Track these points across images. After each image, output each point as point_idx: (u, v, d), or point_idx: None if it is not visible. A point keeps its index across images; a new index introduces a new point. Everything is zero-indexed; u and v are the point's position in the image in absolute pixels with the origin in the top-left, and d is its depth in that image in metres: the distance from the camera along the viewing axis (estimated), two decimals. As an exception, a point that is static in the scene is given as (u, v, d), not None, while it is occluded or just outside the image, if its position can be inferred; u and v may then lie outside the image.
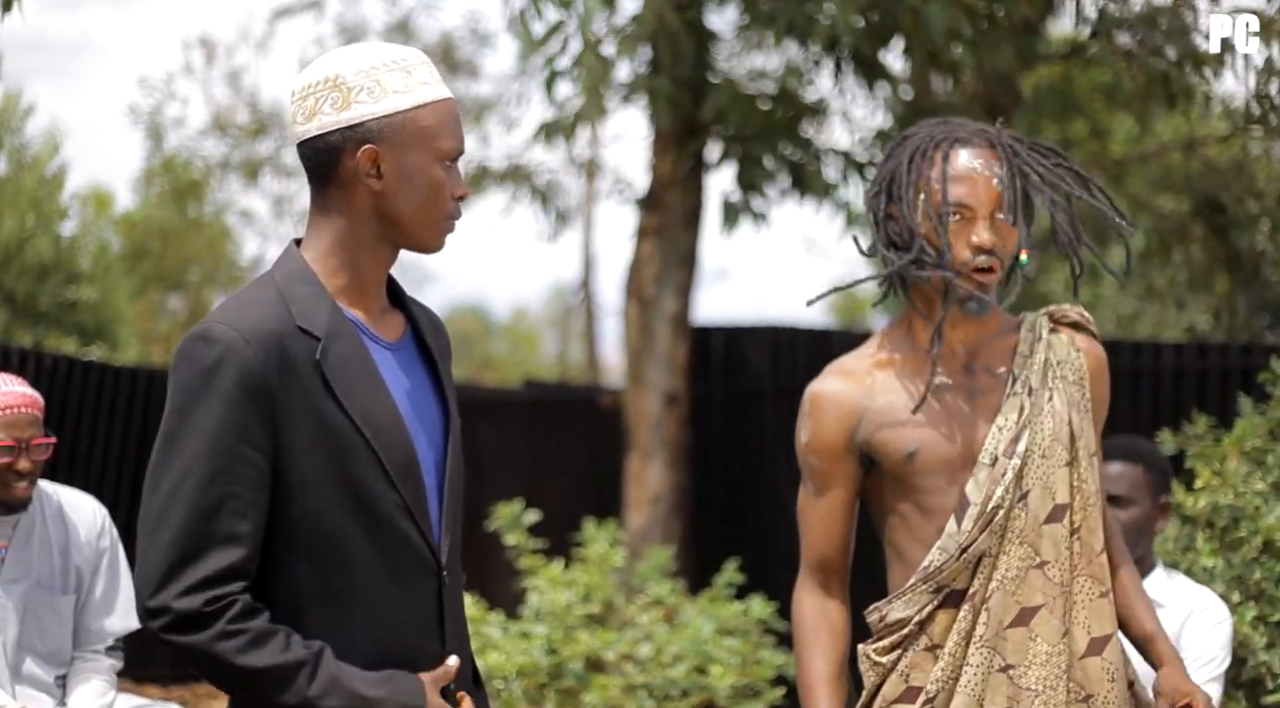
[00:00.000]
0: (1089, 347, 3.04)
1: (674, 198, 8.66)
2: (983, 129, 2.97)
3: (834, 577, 3.06)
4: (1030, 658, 2.87)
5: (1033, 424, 2.91)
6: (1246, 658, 4.44)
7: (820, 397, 3.01)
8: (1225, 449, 4.91)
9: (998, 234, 2.90)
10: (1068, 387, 2.97)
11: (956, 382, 2.96)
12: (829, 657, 3.02)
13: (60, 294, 12.36)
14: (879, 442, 2.95)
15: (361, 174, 2.45)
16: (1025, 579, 2.88)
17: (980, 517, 2.87)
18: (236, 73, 17.54)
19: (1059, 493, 2.91)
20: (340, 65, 2.46)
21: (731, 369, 9.40)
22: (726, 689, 6.47)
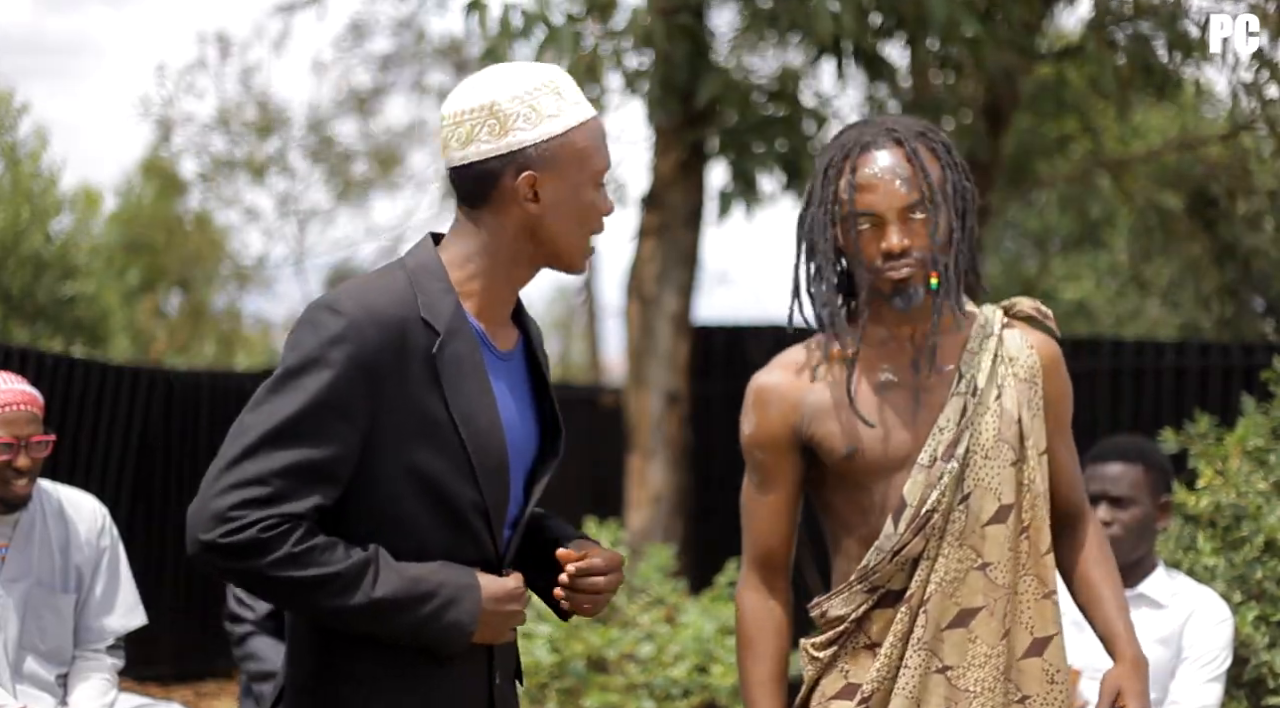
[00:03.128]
0: (1042, 342, 3.00)
1: (675, 197, 8.66)
2: (891, 128, 2.93)
3: (777, 573, 3.03)
4: (969, 660, 2.85)
5: (975, 425, 2.88)
6: (1248, 658, 4.43)
7: (763, 389, 3.00)
8: (1227, 448, 4.90)
9: (911, 235, 2.86)
10: (1018, 384, 2.93)
11: (902, 378, 2.92)
12: (770, 660, 2.99)
13: (56, 290, 12.36)
14: (819, 437, 2.93)
15: (520, 199, 2.49)
16: (965, 581, 2.86)
17: (914, 520, 2.85)
18: (249, 69, 17.55)
19: (1004, 493, 2.88)
20: (494, 92, 2.49)
21: (733, 369, 9.39)
22: (727, 689, 6.47)
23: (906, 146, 2.89)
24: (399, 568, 2.40)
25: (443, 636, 2.42)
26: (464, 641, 2.43)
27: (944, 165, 2.91)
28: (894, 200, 2.86)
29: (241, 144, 17.53)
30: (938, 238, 2.87)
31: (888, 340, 2.94)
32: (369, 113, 17.36)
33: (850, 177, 2.90)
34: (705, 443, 9.14)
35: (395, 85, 16.73)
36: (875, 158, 2.89)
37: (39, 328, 12.29)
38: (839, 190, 2.90)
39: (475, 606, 2.42)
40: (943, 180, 2.90)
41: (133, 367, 9.71)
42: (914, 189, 2.86)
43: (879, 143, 2.90)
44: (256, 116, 17.48)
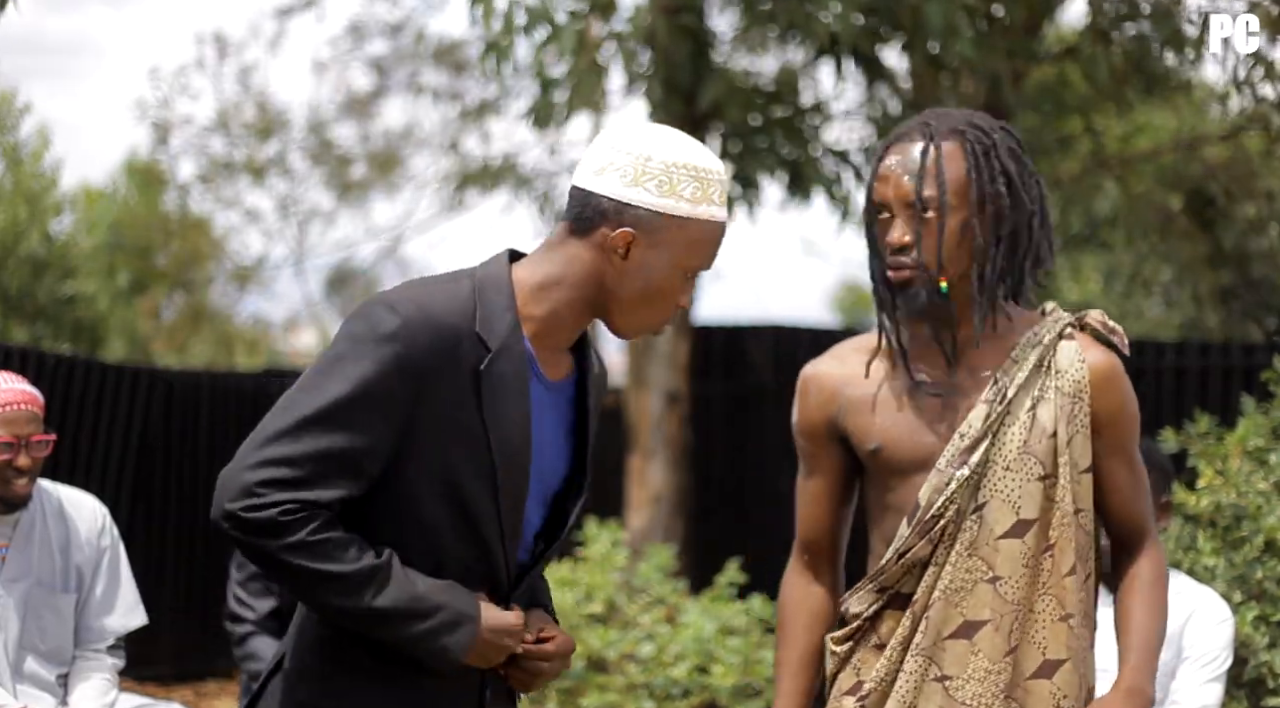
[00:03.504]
0: (1098, 358, 2.87)
1: (675, 197, 8.64)
2: (924, 122, 2.87)
3: (821, 560, 3.02)
4: (969, 672, 2.80)
5: (998, 434, 2.81)
6: (1248, 658, 4.43)
7: (808, 378, 2.99)
8: (1227, 448, 4.90)
9: (916, 231, 2.81)
10: (1061, 397, 2.83)
11: (936, 380, 2.87)
12: (801, 643, 2.99)
13: (56, 290, 12.37)
14: (850, 430, 2.91)
15: (611, 248, 2.50)
16: (972, 592, 2.80)
17: (919, 524, 2.82)
18: (247, 70, 17.55)
19: (1024, 508, 2.80)
20: (653, 147, 2.50)
21: (733, 368, 9.40)
22: (728, 689, 6.47)
23: (929, 142, 2.82)
24: (406, 581, 2.42)
25: (432, 656, 2.44)
26: (453, 664, 2.45)
27: (973, 166, 2.82)
28: (900, 193, 2.81)
29: (241, 146, 17.53)
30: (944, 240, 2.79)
31: (929, 340, 2.89)
32: (367, 115, 17.36)
33: (875, 167, 2.87)
34: (705, 443, 9.14)
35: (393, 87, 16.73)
36: (898, 150, 2.85)
37: (39, 328, 12.29)
38: (868, 182, 2.88)
39: (471, 636, 2.44)
40: (964, 181, 2.81)
41: (132, 367, 9.72)
42: (925, 185, 2.80)
43: (908, 136, 2.85)
44: (255, 118, 17.48)
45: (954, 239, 2.81)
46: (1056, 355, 2.86)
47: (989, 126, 2.88)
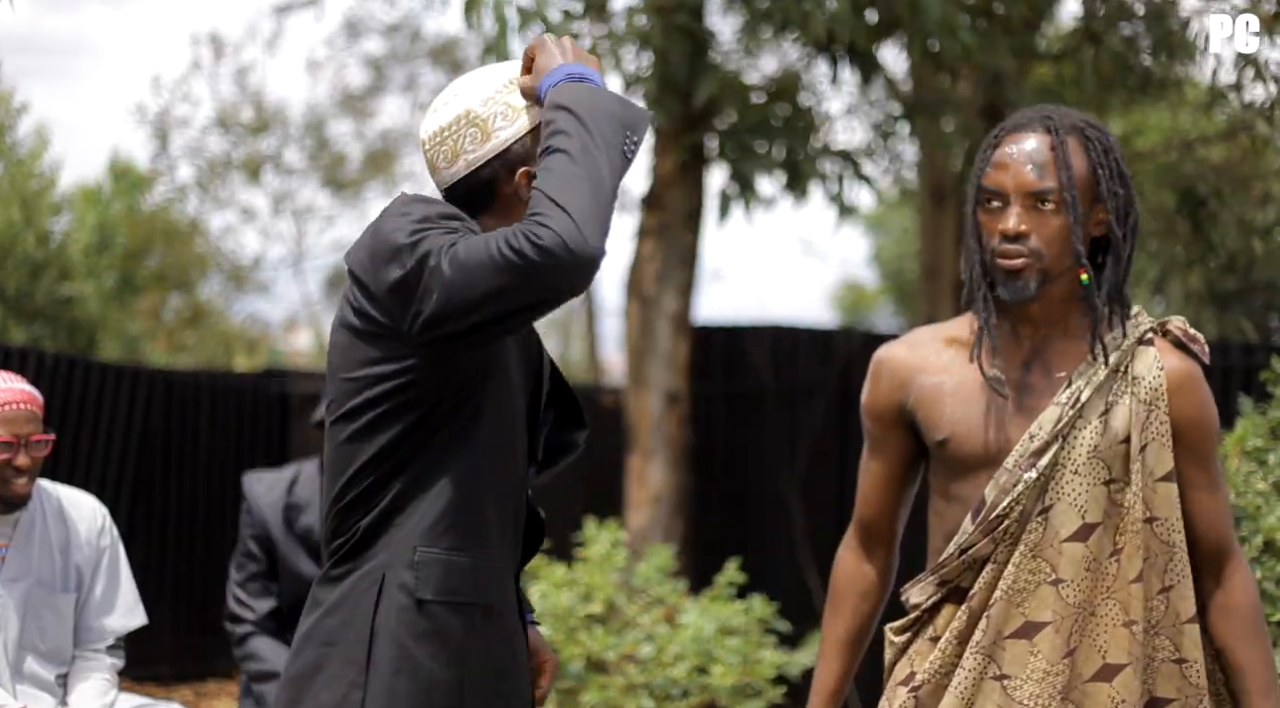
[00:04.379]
0: (1176, 365, 2.86)
1: (674, 197, 8.66)
2: (1046, 115, 2.87)
3: (878, 541, 3.02)
4: (1027, 673, 2.80)
5: (1068, 437, 2.80)
6: (1247, 658, 4.43)
7: (881, 361, 2.98)
8: (1226, 449, 4.90)
9: (1033, 222, 2.80)
10: (1136, 404, 2.81)
11: (1010, 377, 2.86)
12: (849, 621, 3.01)
13: (54, 291, 12.37)
14: (920, 418, 2.90)
15: (522, 196, 2.50)
16: (1035, 593, 2.80)
17: (983, 522, 2.81)
18: (244, 70, 17.55)
19: (1089, 512, 2.79)
20: (465, 101, 2.52)
21: (733, 369, 9.39)
22: (727, 689, 6.47)
23: (1055, 135, 2.82)
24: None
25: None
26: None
27: (1096, 164, 2.82)
28: (1021, 182, 2.80)
29: (239, 146, 17.53)
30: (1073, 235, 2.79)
31: (1008, 335, 2.88)
32: (364, 114, 17.36)
33: (989, 154, 2.86)
34: (705, 443, 9.14)
35: (389, 86, 16.74)
36: (1018, 140, 2.84)
37: (37, 328, 12.29)
38: (978, 167, 2.86)
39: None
40: (1089, 178, 2.82)
41: (132, 367, 9.72)
42: (1047, 177, 2.79)
43: (1029, 126, 2.85)
44: (252, 117, 17.48)
45: (1068, 233, 2.80)
46: (1135, 361, 2.85)
47: (1104, 128, 2.89)
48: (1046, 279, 2.82)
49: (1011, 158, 2.83)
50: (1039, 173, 2.81)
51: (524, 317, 2.38)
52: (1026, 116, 2.89)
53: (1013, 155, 2.83)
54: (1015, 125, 2.88)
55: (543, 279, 2.30)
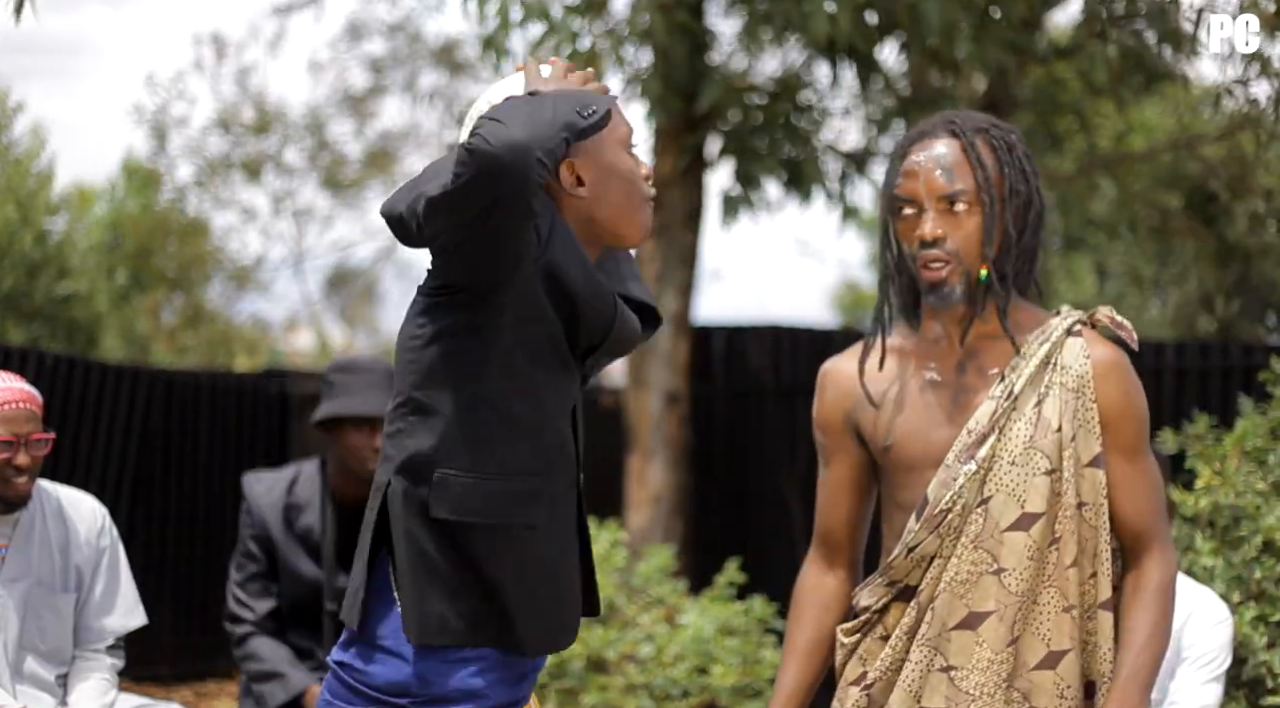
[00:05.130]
0: (1101, 353, 2.90)
1: (674, 197, 8.66)
2: (949, 120, 2.92)
3: (838, 552, 3.06)
4: (973, 663, 2.84)
5: (1004, 429, 2.85)
6: (1247, 658, 4.44)
7: (826, 373, 3.05)
8: (1226, 449, 4.90)
9: (948, 225, 2.85)
10: (1064, 393, 2.86)
11: (946, 378, 2.92)
12: (807, 631, 3.04)
13: (52, 290, 12.36)
14: (863, 427, 2.97)
15: (567, 190, 2.55)
16: (978, 584, 2.84)
17: (927, 519, 2.85)
18: (245, 70, 17.55)
19: (1029, 502, 2.84)
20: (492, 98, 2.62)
21: (732, 369, 9.39)
22: (727, 689, 6.47)
23: (962, 138, 2.87)
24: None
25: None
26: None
27: (1003, 163, 2.87)
28: (932, 188, 2.85)
29: (239, 146, 17.53)
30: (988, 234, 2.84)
31: (940, 338, 2.94)
32: (365, 114, 17.36)
33: (898, 164, 2.91)
34: (705, 443, 9.14)
35: (391, 87, 16.73)
36: (925, 146, 2.89)
37: (35, 328, 12.29)
38: (889, 178, 2.92)
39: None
40: (999, 178, 2.87)
41: (132, 366, 9.72)
42: (957, 180, 2.85)
43: (935, 132, 2.90)
44: (254, 117, 17.47)
45: (982, 232, 2.86)
46: (1062, 352, 2.89)
47: (1007, 127, 2.94)
48: (973, 279, 2.87)
49: (920, 165, 2.88)
50: (948, 176, 2.86)
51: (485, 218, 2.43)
52: (931, 124, 2.95)
53: (921, 162, 2.88)
54: (920, 133, 2.94)
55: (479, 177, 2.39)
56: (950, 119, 2.92)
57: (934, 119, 2.95)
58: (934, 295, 2.87)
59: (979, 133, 2.89)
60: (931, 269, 2.86)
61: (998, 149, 2.89)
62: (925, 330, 2.94)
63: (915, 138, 2.92)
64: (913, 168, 2.88)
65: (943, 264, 2.85)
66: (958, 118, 2.93)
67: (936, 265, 2.86)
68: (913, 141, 2.92)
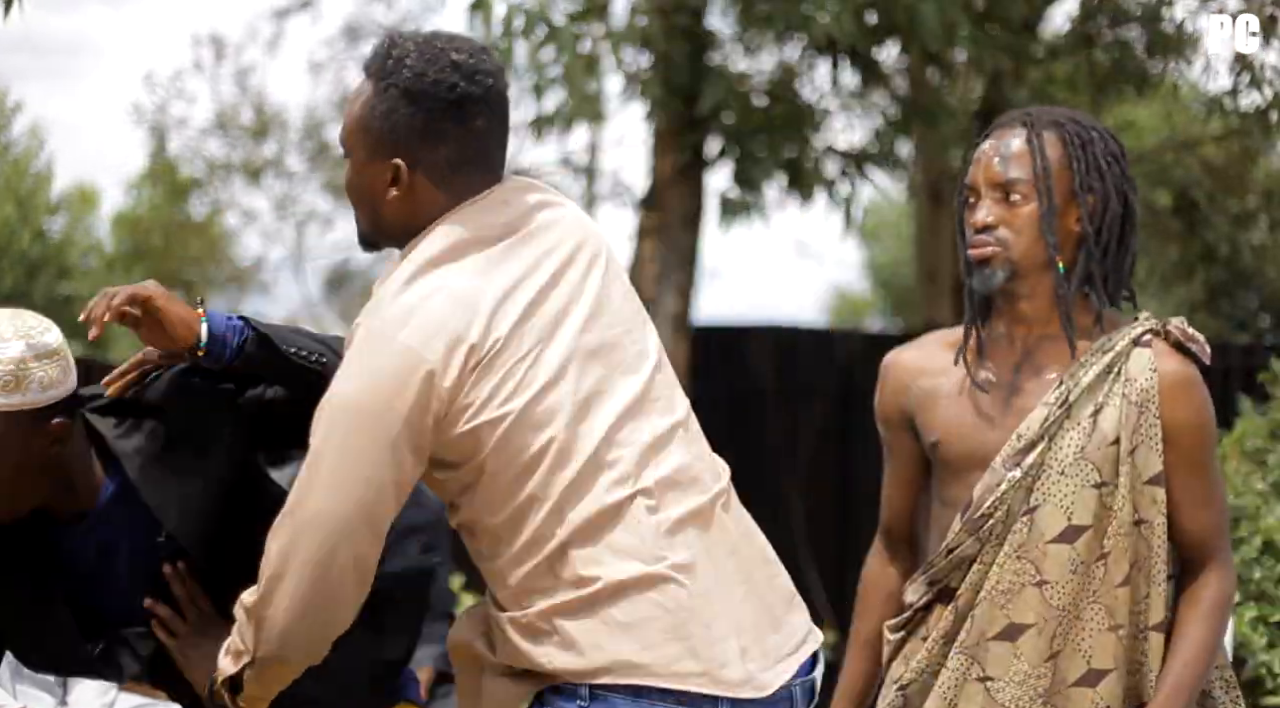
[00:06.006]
0: (1170, 367, 2.80)
1: (674, 198, 8.66)
2: (1026, 112, 2.88)
3: (900, 545, 3.04)
4: (1010, 675, 2.78)
5: (1055, 438, 2.78)
6: (1246, 658, 4.44)
7: (886, 366, 3.00)
8: (1225, 449, 4.91)
9: (1001, 214, 2.80)
10: (1127, 406, 2.78)
11: (1000, 378, 2.85)
12: (871, 622, 3.02)
13: (52, 290, 12.37)
14: (917, 422, 2.91)
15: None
16: (1020, 595, 2.78)
17: (968, 521, 2.81)
18: (244, 71, 17.54)
19: (1076, 514, 2.77)
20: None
21: (732, 369, 9.40)
22: (727, 689, 6.46)
23: (1029, 129, 2.82)
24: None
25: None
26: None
27: (1074, 157, 2.81)
28: (989, 176, 2.81)
29: (239, 147, 17.53)
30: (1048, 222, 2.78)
31: (1000, 337, 2.88)
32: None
33: (971, 154, 2.89)
34: (705, 443, 9.13)
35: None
36: (995, 136, 2.86)
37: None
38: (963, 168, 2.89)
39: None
40: (1059, 170, 2.81)
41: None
42: (1013, 169, 2.80)
43: (1009, 124, 2.86)
44: (253, 119, 17.47)
45: (1037, 225, 2.80)
46: (1129, 362, 2.81)
47: (1089, 123, 2.87)
48: (1017, 271, 2.81)
49: (984, 153, 2.85)
50: (1004, 165, 2.81)
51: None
52: (1010, 116, 2.91)
53: (985, 151, 2.85)
54: (998, 125, 2.90)
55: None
56: (1028, 112, 2.88)
57: (1015, 111, 2.91)
58: (975, 277, 2.82)
59: (1052, 125, 2.83)
60: (977, 250, 2.81)
61: (1069, 143, 2.82)
62: (990, 328, 2.91)
63: (992, 129, 2.88)
64: (978, 156, 2.85)
65: (988, 247, 2.80)
66: (1035, 109, 2.89)
67: (981, 245, 2.81)
68: (988, 133, 2.89)
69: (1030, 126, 2.84)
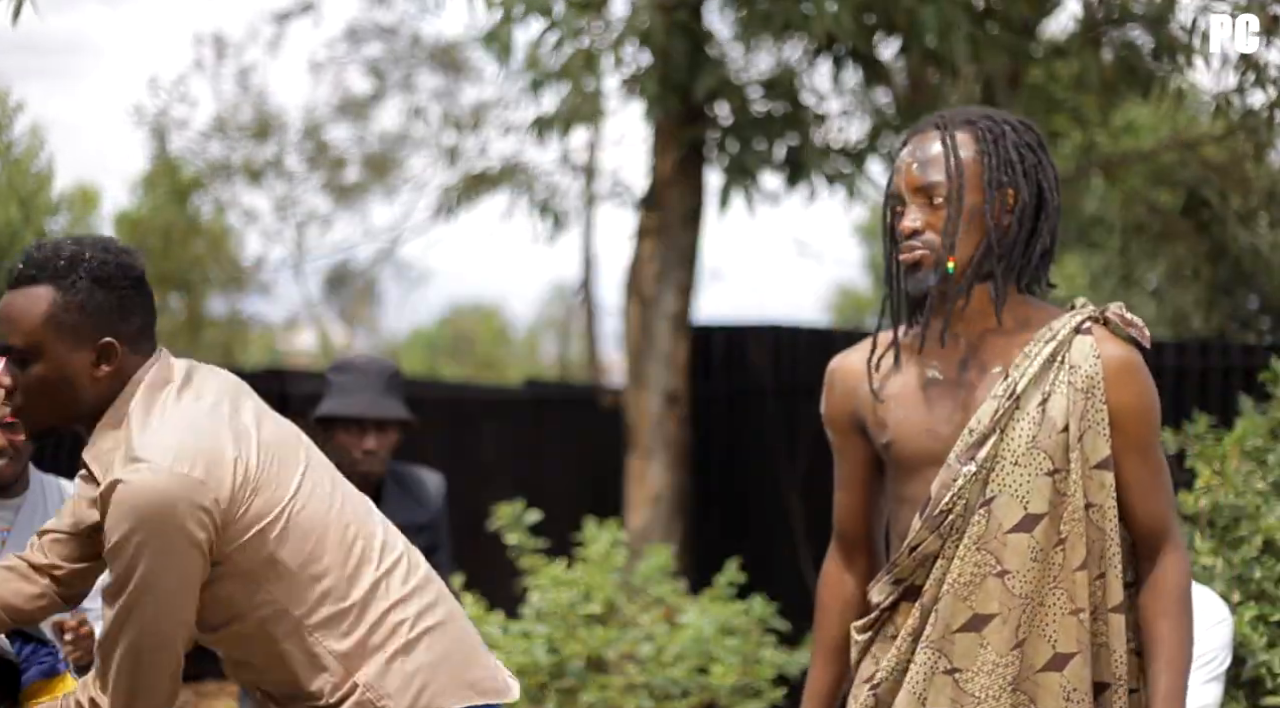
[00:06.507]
0: (1113, 351, 2.85)
1: (674, 197, 8.66)
2: (939, 115, 2.92)
3: (855, 548, 3.06)
4: (978, 665, 2.82)
5: (1006, 429, 2.82)
6: (1246, 658, 4.44)
7: (832, 370, 3.04)
8: (1226, 449, 4.91)
9: (926, 218, 2.85)
10: (1073, 392, 2.82)
11: (948, 376, 2.89)
12: (833, 629, 3.06)
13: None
14: (868, 424, 2.95)
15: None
16: (982, 586, 2.81)
17: (928, 518, 2.84)
18: (245, 71, 17.53)
19: (1032, 503, 2.81)
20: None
21: (732, 369, 9.40)
22: (727, 689, 6.47)
23: (944, 132, 2.86)
24: None
25: None
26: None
27: (986, 154, 2.85)
28: (910, 181, 2.87)
29: (239, 148, 17.52)
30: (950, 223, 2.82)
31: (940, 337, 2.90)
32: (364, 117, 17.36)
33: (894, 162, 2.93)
34: (705, 443, 9.14)
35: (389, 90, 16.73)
36: (912, 142, 2.90)
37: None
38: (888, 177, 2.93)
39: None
40: (974, 167, 2.84)
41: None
42: (932, 173, 2.84)
43: (925, 128, 2.91)
44: (254, 120, 17.46)
45: (961, 224, 2.84)
46: (1071, 350, 2.86)
47: (1001, 118, 2.91)
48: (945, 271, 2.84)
49: (903, 160, 2.90)
50: (923, 170, 2.86)
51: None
52: (926, 121, 2.94)
53: (904, 158, 2.90)
54: (914, 131, 2.94)
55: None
56: (940, 114, 2.93)
57: (930, 116, 2.96)
58: (909, 280, 2.87)
59: (965, 125, 2.88)
60: (906, 255, 2.86)
61: (981, 139, 2.86)
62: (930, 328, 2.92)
63: (909, 136, 2.93)
64: (899, 164, 2.91)
65: (917, 251, 2.85)
66: (949, 112, 2.92)
67: (910, 250, 2.86)
68: (906, 140, 2.94)
69: (943, 128, 2.88)
